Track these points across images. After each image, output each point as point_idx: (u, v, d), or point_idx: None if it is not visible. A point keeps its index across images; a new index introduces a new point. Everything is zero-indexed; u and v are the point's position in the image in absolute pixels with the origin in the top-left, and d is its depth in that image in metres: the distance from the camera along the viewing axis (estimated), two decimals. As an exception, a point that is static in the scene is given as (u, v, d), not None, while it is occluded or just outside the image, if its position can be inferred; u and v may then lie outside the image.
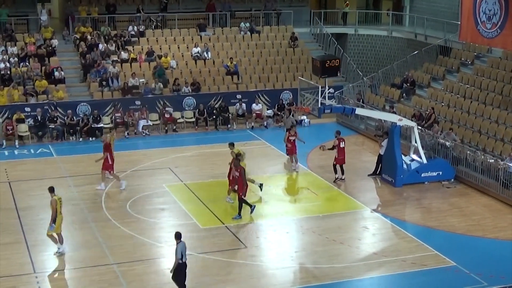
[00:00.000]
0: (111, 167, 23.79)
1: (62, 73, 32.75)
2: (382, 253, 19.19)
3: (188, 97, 32.78)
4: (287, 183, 25.19)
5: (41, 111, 30.08)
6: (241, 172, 21.25)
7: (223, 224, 20.95)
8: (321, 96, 24.15)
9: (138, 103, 31.89)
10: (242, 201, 21.24)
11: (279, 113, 33.06)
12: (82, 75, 33.83)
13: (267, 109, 33.33)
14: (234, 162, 21.85)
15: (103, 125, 30.73)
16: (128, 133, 30.85)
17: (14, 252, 18.83)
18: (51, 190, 18.82)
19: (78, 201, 22.90)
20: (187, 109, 32.72)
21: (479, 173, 24.21)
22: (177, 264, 16.08)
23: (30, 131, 29.86)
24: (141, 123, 31.18)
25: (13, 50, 33.44)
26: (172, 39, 36.55)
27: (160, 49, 35.55)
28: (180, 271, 16.15)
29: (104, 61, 33.67)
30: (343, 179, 24.80)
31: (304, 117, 32.74)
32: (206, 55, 35.58)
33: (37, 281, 17.39)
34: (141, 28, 36.60)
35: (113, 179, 24.13)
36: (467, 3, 30.48)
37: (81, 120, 30.35)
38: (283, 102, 33.45)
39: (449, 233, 20.74)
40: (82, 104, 31.18)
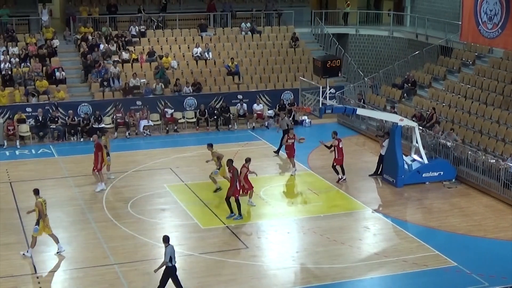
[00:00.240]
0: (97, 166, 23.75)
1: (63, 73, 32.75)
2: (383, 253, 19.18)
3: (189, 98, 32.79)
4: (288, 183, 25.16)
5: (42, 112, 30.10)
6: (233, 173, 21.17)
7: (224, 224, 20.94)
8: (322, 96, 24.16)
9: (139, 103, 31.92)
10: (238, 202, 21.20)
11: (280, 114, 33.04)
12: (83, 76, 33.82)
13: (268, 110, 33.33)
14: (227, 162, 21.66)
15: (104, 125, 30.75)
16: (129, 133, 30.86)
17: (15, 252, 18.82)
18: (35, 192, 18.73)
19: (79, 201, 22.92)
20: (188, 109, 32.72)
21: (480, 174, 24.19)
22: (166, 267, 15.99)
23: (31, 131, 29.88)
24: (142, 123, 31.18)
25: (14, 50, 33.44)
26: (173, 39, 36.56)
27: (161, 49, 35.54)
28: (168, 274, 16.04)
29: (105, 62, 33.67)
30: (344, 180, 24.78)
31: (305, 117, 32.75)
32: (207, 55, 35.58)
33: (38, 281, 17.39)
34: (142, 28, 36.62)
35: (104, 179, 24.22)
36: (468, 3, 30.47)
37: (81, 120, 30.38)
38: (284, 102, 33.46)
39: (450, 233, 20.73)
40: (83, 104, 31.19)
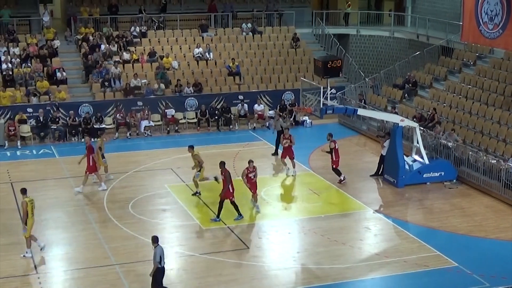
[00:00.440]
0: (89, 168, 23.67)
1: (64, 74, 32.77)
2: (384, 253, 19.18)
3: (190, 98, 32.80)
4: (289, 183, 25.16)
5: (43, 112, 30.12)
6: (225, 175, 21.01)
7: (225, 225, 20.94)
8: (323, 96, 24.13)
9: (140, 103, 31.94)
10: (234, 204, 21.08)
11: (281, 114, 33.03)
12: (84, 76, 33.83)
13: (269, 110, 33.34)
14: (219, 164, 21.39)
15: (105, 126, 30.76)
16: (130, 134, 30.87)
17: (16, 253, 18.82)
18: (23, 191, 18.66)
19: (80, 202, 22.94)
20: (189, 109, 32.74)
21: (481, 174, 24.19)
22: (156, 268, 15.95)
23: (32, 132, 29.90)
24: (143, 124, 31.20)
25: (15, 51, 33.45)
26: (174, 39, 36.57)
27: (162, 49, 35.55)
28: (158, 275, 16.01)
29: (106, 62, 33.69)
30: (345, 179, 24.79)
31: (306, 118, 32.76)
32: (208, 56, 35.58)
33: (40, 282, 17.40)
34: (143, 28, 36.63)
35: (102, 179, 24.19)
36: (469, 3, 30.47)
37: (82, 119, 30.38)
38: (285, 103, 33.47)
39: (451, 233, 20.72)
40: (84, 105, 31.21)
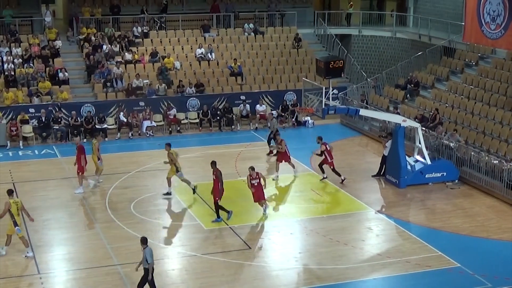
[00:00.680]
0: (82, 169, 23.57)
1: (66, 74, 32.79)
2: (386, 254, 19.17)
3: (192, 98, 32.81)
4: (291, 184, 25.14)
5: (45, 112, 30.14)
6: (217, 174, 20.93)
7: (227, 225, 20.94)
8: (325, 97, 24.13)
9: (142, 104, 31.95)
10: (217, 206, 20.98)
11: (283, 114, 33.08)
12: (86, 76, 33.84)
13: (271, 110, 33.33)
14: (211, 164, 21.24)
15: (107, 126, 30.78)
16: (132, 134, 30.88)
17: (18, 253, 18.83)
18: (9, 192, 18.70)
19: (82, 202, 22.94)
20: (191, 110, 32.75)
21: (483, 174, 24.17)
22: (151, 268, 15.88)
23: (34, 132, 29.91)
24: (145, 124, 31.20)
25: (17, 51, 33.46)
26: (176, 40, 36.57)
27: (164, 50, 35.55)
28: (146, 275, 15.96)
29: (108, 62, 33.70)
30: (326, 178, 24.80)
31: (308, 118, 32.73)
32: (210, 56, 35.58)
33: (41, 282, 17.40)
34: (145, 29, 36.64)
35: (98, 180, 24.25)
36: (471, 4, 30.52)
37: (84, 119, 30.37)
38: (287, 103, 33.47)
39: (453, 234, 20.70)
40: (86, 105, 31.23)
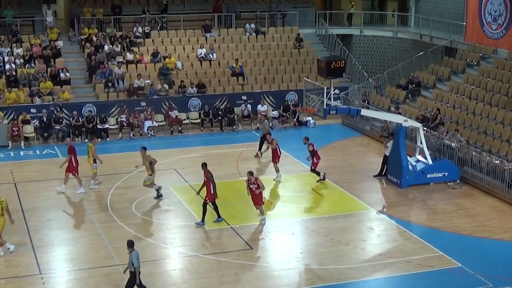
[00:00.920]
0: (75, 169, 23.56)
1: (67, 74, 32.80)
2: (387, 254, 19.17)
3: (193, 98, 32.81)
4: (292, 184, 25.14)
5: (47, 112, 30.15)
6: (208, 176, 20.80)
7: (229, 225, 20.94)
8: (326, 97, 24.14)
9: (143, 104, 31.96)
10: (205, 208, 20.76)
11: (284, 114, 33.08)
12: (87, 77, 33.86)
13: (273, 110, 33.34)
14: (202, 166, 21.15)
15: (108, 126, 30.79)
16: (133, 134, 30.89)
17: (19, 253, 18.85)
18: None
19: (83, 202, 22.98)
20: (192, 110, 32.76)
21: (484, 174, 24.17)
22: (129, 272, 15.85)
23: (35, 132, 29.91)
24: (147, 124, 31.21)
25: (18, 51, 33.49)
26: (177, 40, 36.58)
27: (165, 50, 35.57)
28: (133, 278, 15.95)
29: (109, 63, 33.71)
30: (324, 177, 24.85)
31: (309, 118, 32.74)
32: (211, 56, 35.59)
33: (43, 282, 17.41)
34: (147, 29, 36.65)
35: (97, 181, 24.23)
36: (472, 4, 30.49)
37: (85, 118, 30.37)
38: (289, 103, 33.47)
39: (455, 234, 20.70)
40: (87, 105, 31.25)
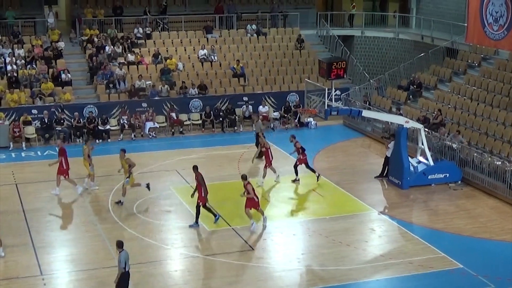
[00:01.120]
0: (66, 172, 23.56)
1: (69, 75, 32.81)
2: (388, 255, 19.15)
3: (194, 99, 32.81)
4: (293, 185, 25.11)
5: (48, 113, 30.15)
6: (198, 179, 20.64)
7: (230, 226, 20.93)
8: (328, 98, 24.15)
9: (144, 105, 31.97)
10: (198, 209, 20.66)
11: (285, 115, 33.07)
12: (89, 78, 33.87)
13: (274, 111, 33.34)
14: (193, 168, 21.05)
15: (109, 127, 30.80)
16: (134, 135, 30.89)
17: (20, 254, 18.86)
18: None
19: (84, 203, 22.98)
20: (193, 111, 32.75)
21: (486, 175, 24.14)
22: (121, 273, 15.65)
23: (37, 133, 29.92)
24: (148, 125, 31.21)
25: (20, 52, 33.51)
26: (178, 41, 36.59)
27: (166, 51, 35.58)
28: (123, 280, 15.76)
29: (110, 64, 33.72)
30: (298, 180, 24.79)
31: (310, 119, 32.73)
32: (212, 57, 35.58)
33: (44, 283, 17.40)
34: (148, 30, 36.66)
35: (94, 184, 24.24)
36: (473, 5, 30.47)
37: (86, 119, 30.37)
38: (290, 104, 33.47)
39: (456, 235, 20.68)
40: (89, 106, 31.25)
